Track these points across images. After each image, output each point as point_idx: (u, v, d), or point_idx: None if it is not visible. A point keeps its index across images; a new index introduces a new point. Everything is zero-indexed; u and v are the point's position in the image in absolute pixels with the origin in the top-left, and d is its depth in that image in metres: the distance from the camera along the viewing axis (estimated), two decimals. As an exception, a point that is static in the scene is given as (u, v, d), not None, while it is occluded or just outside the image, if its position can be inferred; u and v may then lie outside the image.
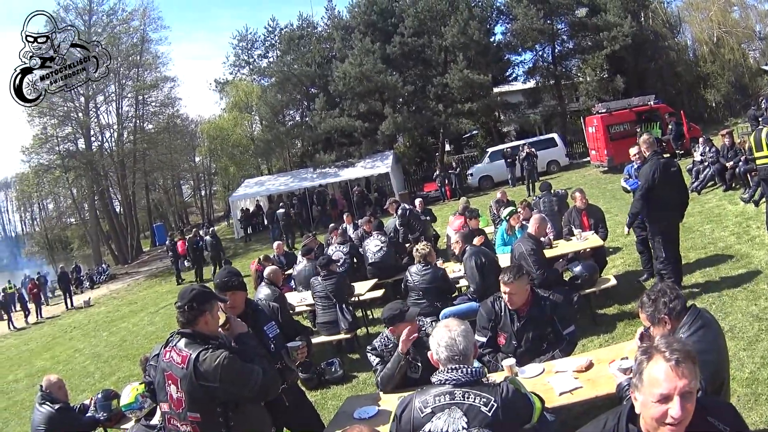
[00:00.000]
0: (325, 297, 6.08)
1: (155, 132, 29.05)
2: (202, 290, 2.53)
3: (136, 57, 27.79)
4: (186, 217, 40.59)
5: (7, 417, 8.50)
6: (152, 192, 35.34)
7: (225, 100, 30.80)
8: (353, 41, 21.69)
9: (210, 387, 2.33)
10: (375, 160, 20.90)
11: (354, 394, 4.80)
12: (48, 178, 29.23)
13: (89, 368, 10.09)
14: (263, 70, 27.00)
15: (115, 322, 14.74)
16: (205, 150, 33.19)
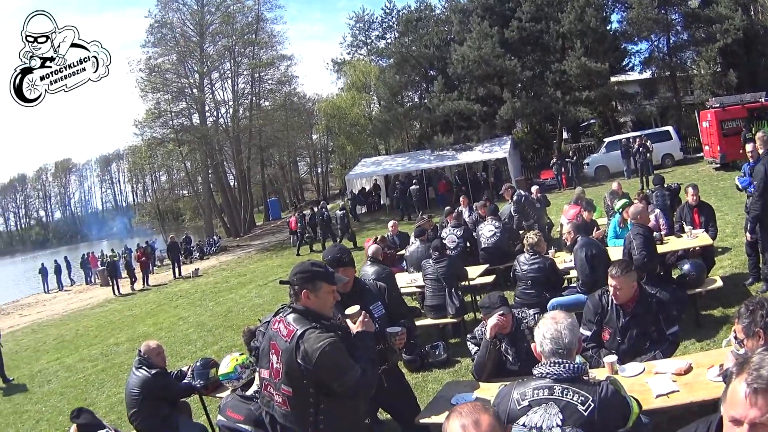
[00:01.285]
0: (436, 280, 7.20)
1: (272, 109, 35.59)
2: (309, 267, 3.02)
3: (251, 36, 34.08)
4: (301, 194, 47.82)
5: (103, 378, 10.33)
6: (267, 167, 42.62)
7: (342, 79, 36.77)
8: (471, 24, 25.95)
9: (305, 367, 2.80)
10: (493, 145, 25.35)
11: (455, 379, 5.62)
12: (161, 151, 36.23)
13: (192, 336, 12.08)
14: (381, 51, 32.41)
15: (222, 293, 17.52)
16: (322, 128, 39.99)
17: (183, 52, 33.69)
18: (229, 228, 36.30)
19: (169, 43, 33.68)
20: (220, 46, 34.48)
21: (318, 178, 49.83)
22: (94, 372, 11.31)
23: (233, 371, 4.49)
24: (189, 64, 34.32)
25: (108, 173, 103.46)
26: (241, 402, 3.83)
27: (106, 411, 8.21)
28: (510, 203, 11.05)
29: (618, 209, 8.16)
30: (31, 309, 25.39)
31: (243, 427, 3.69)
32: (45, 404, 9.83)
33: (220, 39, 34.38)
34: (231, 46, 34.05)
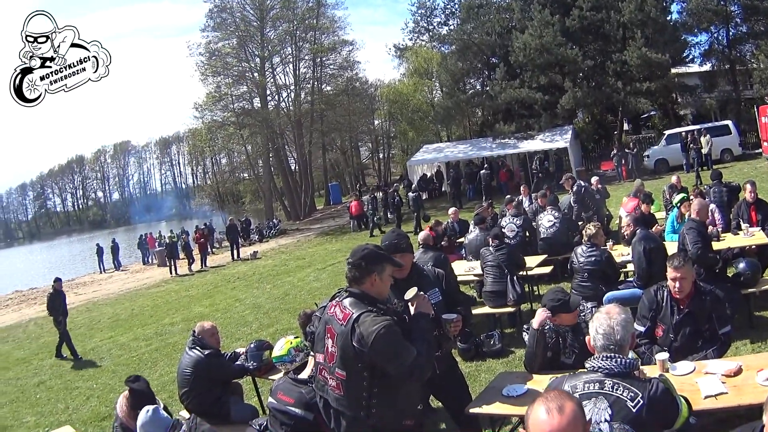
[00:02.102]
0: (497, 266, 7.77)
1: (334, 94, 38.73)
2: (375, 250, 3.38)
3: (312, 21, 36.93)
4: (363, 179, 50.76)
5: (157, 357, 11.24)
6: (329, 152, 45.91)
7: (404, 65, 39.41)
8: (532, 12, 28.09)
9: (359, 350, 3.11)
10: (554, 134, 27.48)
11: (508, 370, 5.99)
12: (222, 134, 39.60)
13: (248, 318, 13.09)
14: (443, 38, 34.79)
15: (280, 275, 18.74)
16: (384, 113, 42.87)
17: (243, 36, 36.78)
18: (289, 211, 39.74)
19: (229, 28, 36.79)
20: (281, 30, 37.47)
21: (380, 163, 53.42)
22: (147, 351, 12.32)
23: (287, 354, 4.93)
24: (249, 48, 37.49)
25: (167, 155, 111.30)
26: (293, 385, 4.06)
27: (157, 389, 9.14)
28: (570, 194, 11.94)
29: (676, 204, 8.67)
30: (87, 288, 27.43)
31: (293, 410, 3.92)
32: (96, 381, 10.74)
33: (281, 24, 37.35)
34: (292, 31, 37.11)
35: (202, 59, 37.08)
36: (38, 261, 60.67)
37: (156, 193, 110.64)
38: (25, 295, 28.84)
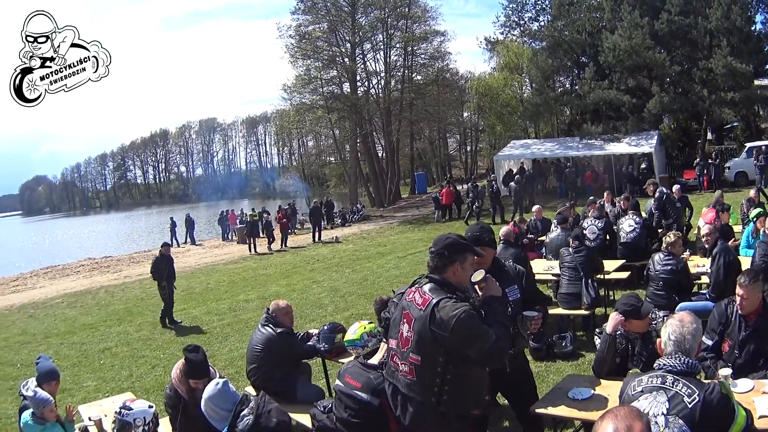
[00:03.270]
0: (573, 268, 8.58)
1: (424, 83, 42.46)
2: (458, 240, 3.88)
3: (404, 9, 40.52)
4: (449, 170, 55.19)
5: (228, 332, 12.40)
6: (417, 141, 50.24)
7: (495, 59, 42.47)
8: (622, 13, 30.51)
9: (439, 335, 3.57)
10: (640, 138, 29.97)
11: (576, 373, 6.61)
12: (310, 116, 43.91)
13: (324, 300, 14.28)
14: (534, 33, 37.65)
15: (359, 261, 20.32)
16: (473, 106, 46.68)
17: (334, 21, 40.72)
18: (374, 198, 43.72)
19: (320, 12, 40.78)
20: (373, 17, 41.22)
21: (466, 156, 58.16)
22: (219, 325, 13.50)
23: (359, 338, 5.55)
24: (340, 33, 41.46)
25: (254, 134, 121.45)
26: (362, 370, 4.42)
27: (225, 364, 10.05)
28: (652, 200, 12.90)
29: (752, 218, 9.24)
30: None
31: (359, 394, 4.30)
32: (163, 351, 11.86)
33: (372, 10, 41.10)
34: (384, 18, 40.88)
35: (292, 41, 41.33)
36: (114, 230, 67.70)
37: (240, 171, 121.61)
38: (98, 263, 32.30)
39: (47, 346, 13.80)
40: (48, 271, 31.71)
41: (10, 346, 14.62)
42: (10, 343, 15.04)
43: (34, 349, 13.35)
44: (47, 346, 13.94)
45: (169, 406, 5.34)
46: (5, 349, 14.42)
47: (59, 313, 18.48)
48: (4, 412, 9.33)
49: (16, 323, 17.88)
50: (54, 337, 15.06)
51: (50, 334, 15.52)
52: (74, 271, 30.29)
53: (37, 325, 17.16)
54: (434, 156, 58.89)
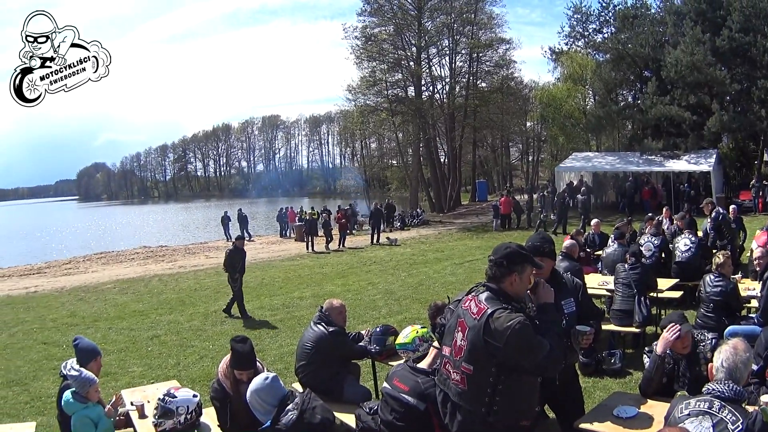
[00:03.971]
0: (627, 285, 9.06)
1: (488, 91, 44.84)
2: (518, 250, 4.09)
3: (470, 15, 42.86)
4: (510, 179, 58.22)
5: (279, 328, 13.06)
6: (479, 148, 52.46)
7: (559, 69, 43.86)
8: (684, 28, 31.90)
9: (493, 345, 3.79)
10: (699, 156, 31.33)
11: (623, 390, 6.87)
12: (373, 118, 46.70)
13: (378, 302, 14.92)
14: (598, 45, 39.39)
15: (416, 265, 21.09)
16: (536, 116, 48.66)
17: (400, 24, 43.34)
18: (434, 203, 46.14)
19: (387, 15, 43.51)
20: (439, 22, 43.65)
21: (528, 166, 60.56)
22: (271, 321, 14.07)
23: (411, 342, 5.96)
24: (406, 36, 44.06)
25: (317, 134, 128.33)
26: (411, 373, 4.74)
27: (274, 359, 10.52)
28: (708, 219, 13.48)
29: None
30: (219, 252, 29.75)
31: (406, 398, 4.62)
32: (213, 343, 12.32)
33: (438, 15, 43.55)
34: (450, 24, 43.35)
35: (358, 43, 44.26)
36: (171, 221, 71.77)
37: (301, 169, 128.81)
38: (153, 252, 34.18)
39: (95, 330, 14.57)
40: (101, 257, 33.52)
41: (57, 328, 15.30)
42: (58, 324, 15.71)
43: (81, 332, 13.52)
44: (95, 329, 14.67)
45: (214, 399, 5.63)
46: (53, 330, 15.09)
47: (110, 299, 19.24)
48: (45, 392, 9.88)
49: (66, 305, 18.52)
50: (102, 321, 15.69)
51: (99, 318, 16.16)
52: (128, 258, 31.94)
53: (87, 308, 17.81)
54: (496, 164, 61.50)
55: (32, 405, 9.51)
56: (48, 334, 14.61)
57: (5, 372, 11.54)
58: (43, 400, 9.56)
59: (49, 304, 18.98)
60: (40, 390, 10.18)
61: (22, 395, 10.07)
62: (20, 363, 12.15)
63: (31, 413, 9.05)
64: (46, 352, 12.83)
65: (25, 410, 9.28)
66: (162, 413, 5.38)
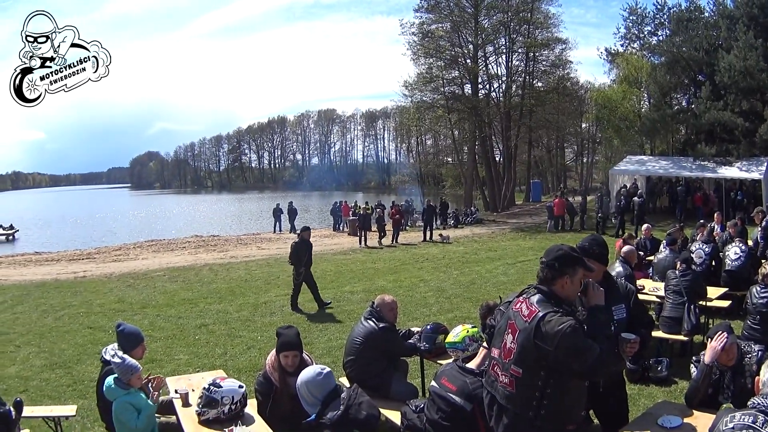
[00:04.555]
0: (678, 292, 9.30)
1: (544, 91, 46.87)
2: (569, 253, 4.28)
3: (526, 14, 44.43)
4: (564, 180, 60.15)
5: (328, 322, 13.54)
6: (534, 148, 54.20)
7: (615, 71, 45.40)
8: (737, 32, 32.82)
9: (543, 349, 3.96)
10: (751, 164, 31.93)
11: (668, 399, 6.95)
12: (430, 115, 48.68)
13: (429, 300, 15.40)
14: (653, 47, 40.61)
15: (468, 263, 21.71)
16: (591, 117, 50.31)
17: (457, 21, 45.03)
18: (488, 202, 48.06)
19: (443, 12, 45.28)
20: (495, 20, 45.26)
21: (582, 167, 62.79)
22: (321, 314, 14.54)
23: (461, 342, 6.26)
24: (463, 34, 45.82)
25: (373, 129, 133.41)
26: (459, 373, 4.96)
27: (322, 352, 10.83)
28: (758, 228, 13.90)
29: None
30: (271, 244, 32.40)
31: (453, 397, 4.84)
32: (261, 333, 12.66)
33: (495, 13, 45.19)
34: (506, 22, 44.98)
35: (414, 39, 46.14)
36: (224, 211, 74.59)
37: (357, 163, 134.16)
38: (205, 241, 35.36)
39: (143, 316, 15.03)
40: (152, 244, 34.98)
41: (104, 313, 15.70)
42: (105, 309, 16.15)
43: (128, 318, 13.99)
44: (143, 316, 15.16)
45: (259, 392, 5.95)
46: (99, 315, 15.51)
47: (159, 286, 19.75)
48: (88, 375, 10.17)
49: (114, 291, 19.09)
50: (151, 308, 16.17)
51: (147, 305, 16.63)
52: (179, 247, 33.01)
53: (135, 295, 18.31)
54: (550, 165, 63.43)
55: (74, 388, 9.88)
56: (94, 319, 15.13)
57: (49, 354, 11.99)
58: (85, 384, 9.89)
59: (97, 290, 19.60)
60: (83, 374, 10.58)
61: (65, 378, 10.44)
62: (65, 346, 12.61)
63: (72, 396, 9.41)
64: (92, 337, 13.27)
65: (66, 393, 9.64)
66: (206, 402, 5.64)
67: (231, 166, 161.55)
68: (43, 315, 15.88)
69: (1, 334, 13.99)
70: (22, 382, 10.30)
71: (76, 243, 40.53)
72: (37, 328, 14.46)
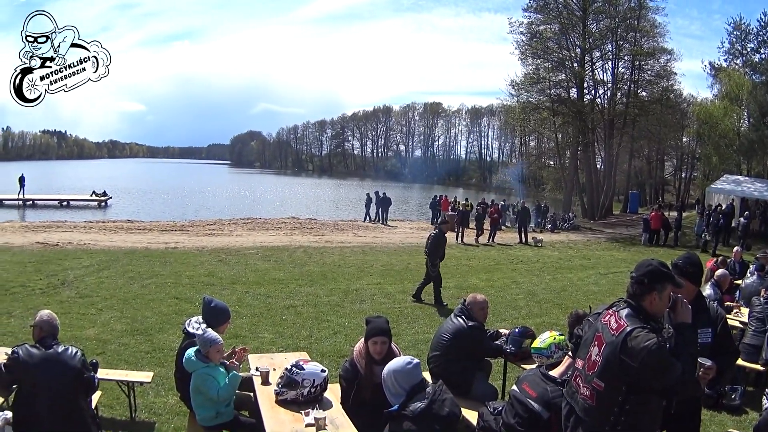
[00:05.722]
0: (761, 320, 9.63)
1: (648, 101, 48.61)
2: (659, 268, 4.42)
3: (633, 21, 46.43)
4: (662, 194, 62.02)
5: (418, 315, 14.25)
6: (635, 159, 55.97)
7: (717, 86, 46.75)
8: None
9: (627, 364, 4.13)
10: None
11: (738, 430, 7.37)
12: (535, 116, 51.10)
13: (519, 302, 16.03)
14: (755, 65, 41.88)
15: (561, 269, 22.62)
16: (692, 132, 52.01)
17: (565, 24, 47.36)
18: (586, 209, 50.08)
19: (552, 13, 47.77)
20: (603, 25, 47.29)
21: (680, 182, 64.58)
22: (410, 306, 15.09)
23: (547, 348, 6.66)
24: (571, 37, 48.04)
25: (477, 125, 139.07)
26: (541, 380, 5.21)
27: (408, 344, 11.36)
28: None
29: None
30: (367, 232, 34.15)
31: (532, 404, 5.08)
32: (349, 320, 13.25)
33: (602, 18, 47.23)
34: (613, 28, 47.06)
35: (523, 38, 48.97)
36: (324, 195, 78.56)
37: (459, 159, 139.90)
38: (301, 223, 37.06)
39: (231, 292, 15.74)
40: (248, 222, 36.68)
41: (193, 285, 16.55)
42: (194, 282, 17.03)
43: (216, 292, 14.93)
44: (231, 291, 15.88)
45: (344, 378, 6.21)
46: (187, 286, 16.36)
47: (251, 263, 20.64)
48: (169, 344, 10.77)
49: (204, 264, 20.11)
50: (240, 285, 16.88)
51: (237, 281, 17.39)
52: (275, 227, 34.54)
53: (226, 270, 19.16)
54: (649, 177, 65.31)
55: (153, 355, 10.47)
56: (182, 290, 15.89)
57: (131, 320, 12.67)
58: (164, 352, 10.48)
59: (188, 261, 20.71)
60: (164, 342, 11.17)
61: (144, 345, 11.06)
62: (148, 314, 13.29)
63: (150, 363, 9.94)
64: (177, 307, 13.94)
65: (144, 359, 10.21)
66: (286, 383, 5.96)
67: (333, 152, 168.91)
68: (129, 281, 16.92)
69: (84, 296, 14.91)
70: (100, 345, 10.96)
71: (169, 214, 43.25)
72: (121, 293, 15.33)
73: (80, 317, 12.80)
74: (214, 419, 6.29)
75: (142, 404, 8.31)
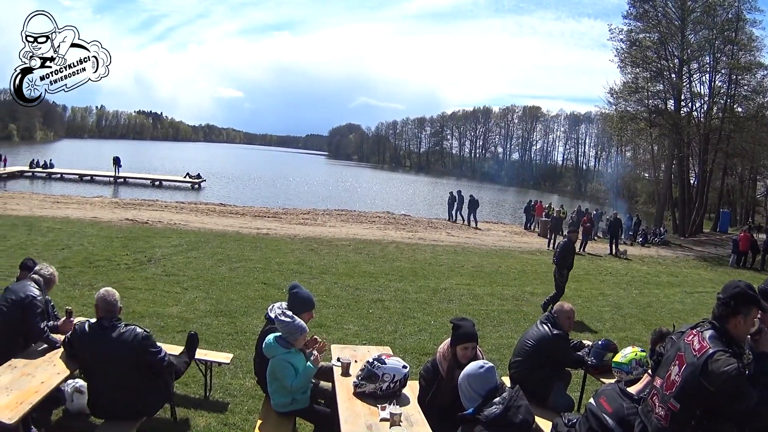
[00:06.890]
0: None
1: (744, 117, 49.27)
2: (746, 291, 4.48)
3: (730, 34, 47.72)
4: (752, 215, 62.60)
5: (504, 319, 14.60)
6: (729, 176, 56.64)
7: None
8: None
9: (704, 387, 4.24)
10: None
11: None
12: (632, 126, 51.74)
13: (604, 315, 16.32)
14: None
15: (648, 285, 22.73)
16: None
17: (665, 33, 48.25)
18: (677, 224, 50.74)
19: (651, 21, 48.74)
20: (701, 36, 48.09)
21: None
22: (498, 310, 15.39)
23: (627, 363, 6.78)
24: (670, 47, 48.83)
25: (575, 132, 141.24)
26: (618, 395, 5.24)
27: (491, 348, 11.74)
28: None
29: None
30: (461, 232, 35.37)
31: (607, 419, 5.12)
32: (435, 318, 13.78)
33: (701, 29, 47.99)
34: (711, 40, 47.76)
35: (622, 46, 50.07)
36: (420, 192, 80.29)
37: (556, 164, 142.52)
38: (395, 219, 38.38)
39: (320, 281, 16.44)
40: (342, 213, 38.43)
41: (281, 272, 17.27)
42: (283, 269, 17.75)
43: (305, 281, 15.40)
44: (320, 281, 16.52)
45: (424, 378, 6.44)
46: (276, 273, 17.05)
47: (342, 255, 21.50)
48: (251, 328, 11.24)
49: (295, 252, 20.97)
50: (329, 275, 17.52)
51: (326, 272, 18.05)
52: (369, 221, 35.87)
53: (316, 260, 19.95)
54: (741, 196, 65.35)
55: (234, 337, 10.91)
56: (270, 276, 16.51)
57: (216, 302, 13.24)
58: (246, 336, 10.89)
59: (278, 248, 21.57)
60: (247, 325, 11.62)
61: (227, 326, 11.53)
62: (234, 296, 13.91)
63: (230, 345, 10.36)
64: (264, 292, 14.47)
65: (225, 341, 10.64)
66: (366, 375, 6.18)
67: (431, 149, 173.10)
68: (218, 263, 17.74)
69: (171, 275, 15.71)
70: (181, 323, 11.44)
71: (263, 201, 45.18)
72: (208, 275, 16.06)
73: (164, 294, 13.60)
74: (288, 405, 6.68)
75: (217, 384, 8.79)
